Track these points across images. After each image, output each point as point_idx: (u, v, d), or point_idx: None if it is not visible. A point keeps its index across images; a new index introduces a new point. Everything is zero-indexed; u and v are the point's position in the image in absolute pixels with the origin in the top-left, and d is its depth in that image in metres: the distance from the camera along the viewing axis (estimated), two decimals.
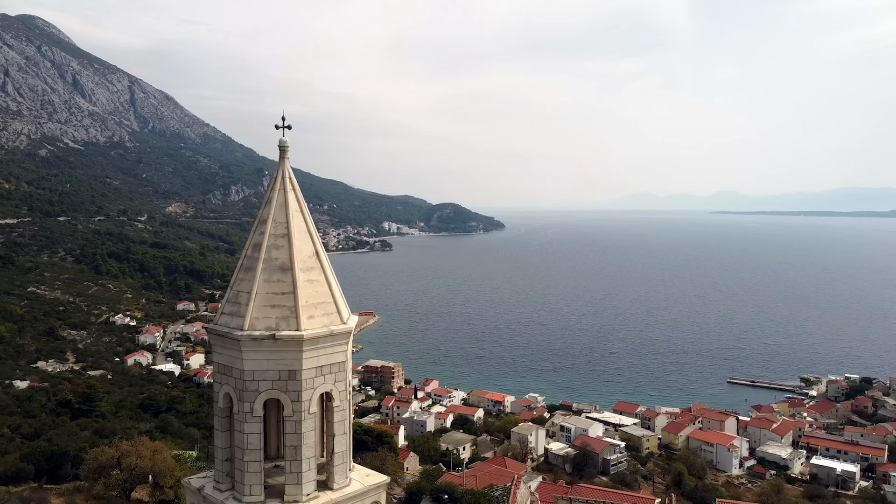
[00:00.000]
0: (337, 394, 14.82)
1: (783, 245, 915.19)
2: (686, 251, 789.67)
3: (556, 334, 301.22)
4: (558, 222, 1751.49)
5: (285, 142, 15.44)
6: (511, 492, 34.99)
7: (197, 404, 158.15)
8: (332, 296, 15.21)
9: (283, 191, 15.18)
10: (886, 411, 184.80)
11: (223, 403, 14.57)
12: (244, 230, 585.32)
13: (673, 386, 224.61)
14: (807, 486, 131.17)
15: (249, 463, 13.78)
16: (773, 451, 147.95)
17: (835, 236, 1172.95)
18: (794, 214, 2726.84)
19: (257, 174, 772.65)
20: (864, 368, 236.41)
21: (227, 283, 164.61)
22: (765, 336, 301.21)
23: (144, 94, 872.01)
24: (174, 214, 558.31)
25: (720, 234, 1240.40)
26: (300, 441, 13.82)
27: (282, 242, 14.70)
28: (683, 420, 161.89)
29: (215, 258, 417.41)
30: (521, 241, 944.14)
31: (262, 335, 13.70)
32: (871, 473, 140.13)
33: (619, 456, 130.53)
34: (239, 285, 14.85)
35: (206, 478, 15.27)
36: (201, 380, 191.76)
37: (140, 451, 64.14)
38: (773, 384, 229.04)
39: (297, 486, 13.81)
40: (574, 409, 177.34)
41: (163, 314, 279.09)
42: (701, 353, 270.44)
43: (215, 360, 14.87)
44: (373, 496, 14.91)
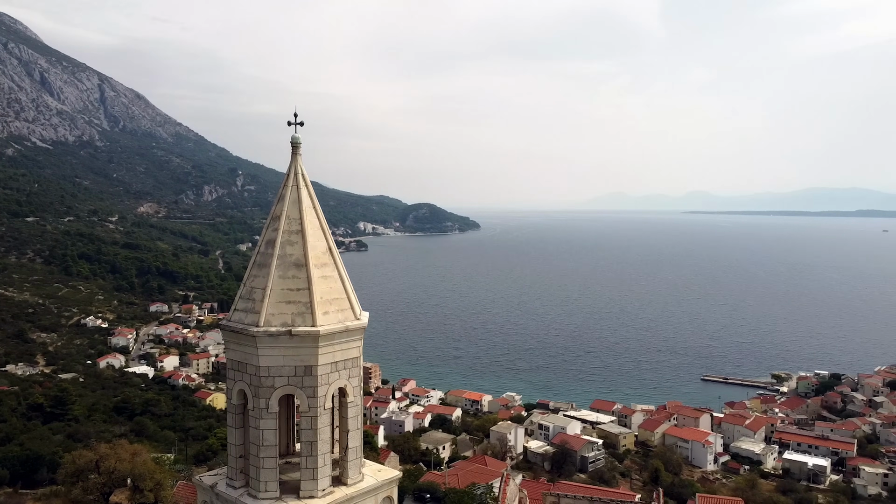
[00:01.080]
0: (351, 389, 14.85)
1: (754, 245, 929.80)
2: (660, 251, 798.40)
3: (532, 334, 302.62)
4: (533, 222, 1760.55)
5: (298, 138, 15.41)
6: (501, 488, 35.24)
7: (172, 407, 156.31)
8: (346, 292, 15.24)
9: (295, 187, 15.15)
10: (855, 406, 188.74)
11: (237, 400, 14.51)
12: (218, 231, 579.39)
13: (648, 384, 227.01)
14: (780, 480, 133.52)
15: (265, 459, 13.75)
16: (747, 446, 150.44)
17: (804, 236, 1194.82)
18: (764, 214, 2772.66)
19: (231, 174, 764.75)
20: (833, 365, 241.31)
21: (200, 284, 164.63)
22: (737, 334, 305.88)
23: (115, 93, 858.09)
24: (146, 215, 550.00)
25: (693, 233, 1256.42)
26: (316, 437, 13.82)
27: (296, 239, 14.68)
28: (659, 417, 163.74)
29: (189, 259, 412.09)
30: (496, 241, 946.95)
31: (279, 331, 13.68)
32: (842, 467, 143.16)
33: (597, 453, 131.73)
34: (253, 282, 14.79)
35: (218, 475, 15.18)
36: (176, 382, 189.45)
37: (119, 454, 63.19)
38: (746, 381, 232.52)
39: (313, 482, 13.81)
40: (551, 407, 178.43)
41: (135, 316, 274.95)
42: (675, 351, 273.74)
43: (228, 357, 14.77)
44: (385, 491, 14.97)
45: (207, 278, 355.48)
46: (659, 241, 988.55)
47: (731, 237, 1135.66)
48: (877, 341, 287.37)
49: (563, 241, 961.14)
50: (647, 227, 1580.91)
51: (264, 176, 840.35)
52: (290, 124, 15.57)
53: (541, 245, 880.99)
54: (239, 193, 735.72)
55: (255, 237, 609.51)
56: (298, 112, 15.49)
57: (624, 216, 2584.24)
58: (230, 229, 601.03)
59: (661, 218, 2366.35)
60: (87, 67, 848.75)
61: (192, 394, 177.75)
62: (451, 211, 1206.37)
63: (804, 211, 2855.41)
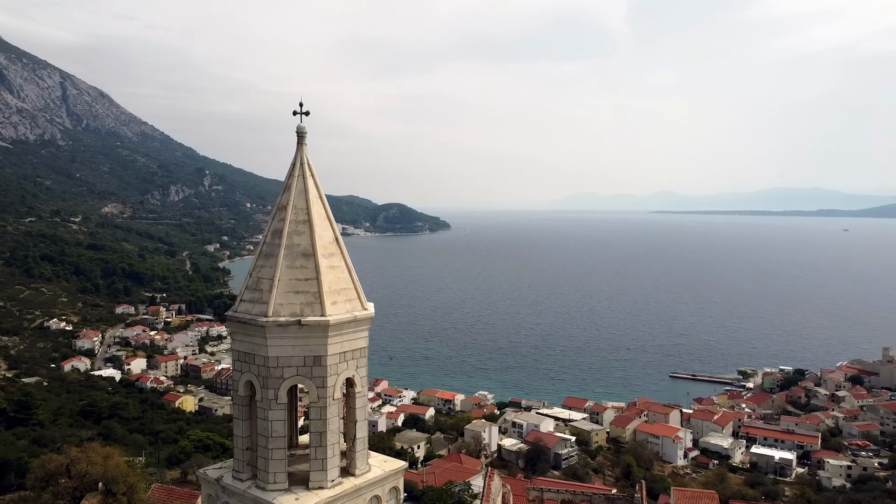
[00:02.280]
0: (359, 379, 14.82)
1: (719, 244, 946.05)
2: (628, 250, 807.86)
3: (503, 334, 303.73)
4: (503, 222, 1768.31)
5: (303, 128, 15.30)
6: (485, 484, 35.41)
7: (140, 410, 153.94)
8: (353, 282, 15.21)
9: (302, 177, 15.04)
10: (818, 401, 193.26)
11: (244, 392, 14.36)
12: (185, 231, 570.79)
13: (618, 382, 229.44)
14: (748, 474, 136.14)
15: (274, 450, 13.64)
16: (716, 441, 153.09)
17: (767, 235, 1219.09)
18: (729, 214, 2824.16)
19: (198, 174, 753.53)
20: (797, 361, 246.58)
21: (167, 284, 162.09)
22: (704, 332, 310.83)
23: (77, 91, 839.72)
24: (111, 215, 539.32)
25: (660, 233, 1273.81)
26: (325, 427, 13.76)
27: (303, 228, 14.59)
28: (630, 414, 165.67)
29: (155, 260, 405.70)
30: (466, 241, 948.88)
31: (288, 321, 13.58)
32: (807, 460, 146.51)
33: (570, 450, 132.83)
34: (259, 272, 14.65)
35: (223, 468, 15.00)
36: (144, 385, 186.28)
37: (90, 458, 61.78)
38: (713, 377, 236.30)
39: (323, 473, 13.74)
40: (523, 405, 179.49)
41: (101, 318, 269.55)
42: (644, 349, 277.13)
43: (234, 349, 14.62)
44: (392, 481, 14.97)
45: (175, 279, 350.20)
46: (627, 241, 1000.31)
47: (697, 236, 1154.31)
48: (839, 338, 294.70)
49: (533, 241, 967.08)
50: (616, 226, 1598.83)
51: (232, 176, 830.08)
52: (296, 114, 15.47)
53: (511, 245, 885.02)
54: (206, 193, 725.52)
55: (223, 238, 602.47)
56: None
57: (593, 216, 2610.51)
58: (197, 230, 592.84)
59: (629, 217, 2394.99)
60: (48, 65, 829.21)
61: (160, 396, 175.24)
62: (421, 211, 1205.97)
63: (766, 210, 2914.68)
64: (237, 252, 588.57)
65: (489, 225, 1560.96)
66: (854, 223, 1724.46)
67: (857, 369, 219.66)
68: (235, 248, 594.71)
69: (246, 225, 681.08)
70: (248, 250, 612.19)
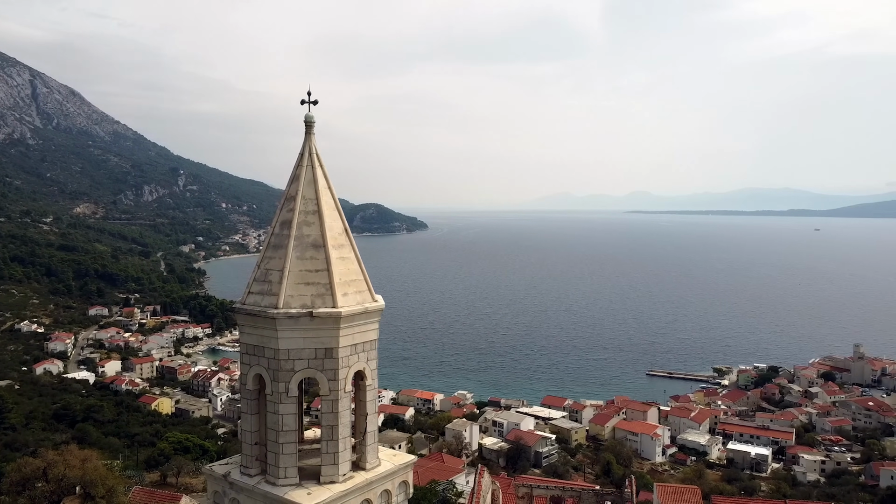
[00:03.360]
0: (369, 372, 14.62)
1: (693, 243, 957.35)
2: (604, 250, 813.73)
3: (480, 334, 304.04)
4: (480, 222, 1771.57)
5: (311, 117, 15.08)
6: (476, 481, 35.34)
7: (115, 413, 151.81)
8: (363, 273, 15.03)
9: (310, 167, 14.80)
10: (792, 397, 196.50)
11: (252, 385, 14.07)
12: (159, 232, 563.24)
13: (596, 380, 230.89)
14: (725, 470, 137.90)
15: (285, 445, 13.37)
16: (693, 438, 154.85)
17: (740, 235, 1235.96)
18: (702, 214, 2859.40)
19: (172, 173, 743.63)
20: (771, 358, 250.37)
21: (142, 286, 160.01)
22: (680, 331, 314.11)
23: (48, 90, 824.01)
24: (83, 216, 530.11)
25: (635, 233, 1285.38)
26: (337, 420, 13.53)
27: (312, 219, 14.35)
28: (609, 412, 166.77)
29: (129, 261, 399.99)
30: (443, 241, 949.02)
31: (299, 313, 13.33)
32: (782, 455, 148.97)
33: (550, 448, 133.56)
34: (268, 263, 14.38)
35: (230, 464, 14.70)
36: (119, 387, 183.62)
37: (68, 461, 60.72)
38: (689, 375, 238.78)
39: (334, 467, 13.50)
40: (503, 404, 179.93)
41: (73, 320, 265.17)
42: (621, 348, 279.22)
43: (243, 342, 14.32)
44: (401, 475, 14.79)
45: (149, 280, 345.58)
46: (603, 241, 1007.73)
47: (672, 236, 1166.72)
48: (811, 335, 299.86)
49: (510, 241, 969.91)
50: (591, 226, 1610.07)
51: (207, 176, 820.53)
52: (304, 102, 15.25)
53: (488, 245, 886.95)
54: (181, 194, 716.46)
55: (198, 238, 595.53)
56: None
57: (569, 216, 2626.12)
58: (172, 230, 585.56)
59: (605, 217, 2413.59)
60: (17, 62, 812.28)
61: (136, 399, 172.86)
62: (398, 211, 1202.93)
63: (739, 210, 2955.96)
64: (212, 253, 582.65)
65: (466, 225, 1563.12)
66: (824, 223, 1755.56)
67: (829, 366, 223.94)
68: (211, 249, 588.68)
69: (221, 225, 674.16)
70: (224, 251, 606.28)
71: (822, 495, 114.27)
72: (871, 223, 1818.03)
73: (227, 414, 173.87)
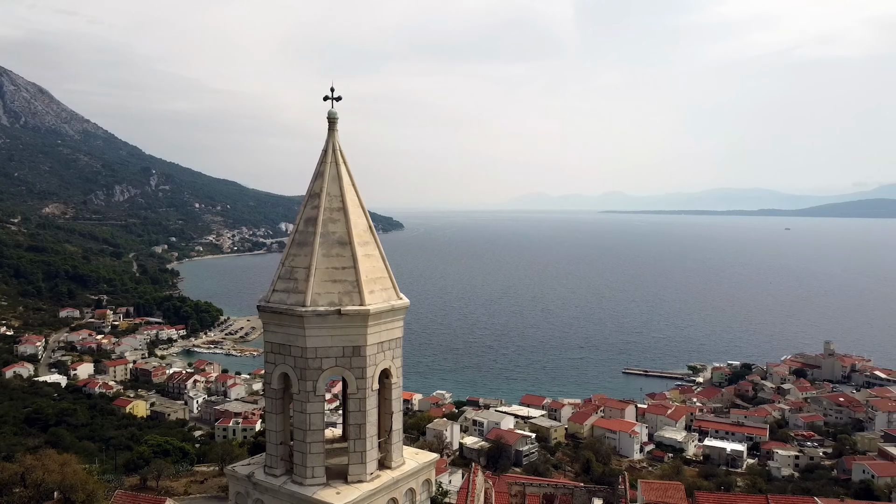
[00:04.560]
0: (394, 370, 14.54)
1: (667, 243, 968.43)
2: (579, 250, 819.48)
3: (457, 334, 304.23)
4: (456, 222, 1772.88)
5: (335, 113, 14.91)
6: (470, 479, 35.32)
7: (89, 416, 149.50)
8: (387, 270, 14.93)
9: (335, 163, 14.63)
10: (765, 394, 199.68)
11: (277, 384, 13.89)
12: (131, 232, 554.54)
13: (573, 379, 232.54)
14: (701, 466, 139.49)
15: (312, 444, 13.20)
16: (670, 435, 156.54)
17: (712, 234, 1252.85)
18: (675, 213, 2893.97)
19: (144, 173, 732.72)
20: (744, 356, 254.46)
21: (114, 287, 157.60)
22: (655, 329, 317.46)
23: (15, 87, 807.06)
24: (52, 216, 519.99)
25: (610, 232, 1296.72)
26: (364, 419, 13.41)
27: (338, 216, 14.20)
28: (587, 410, 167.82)
29: (100, 262, 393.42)
30: (419, 241, 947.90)
31: (328, 311, 13.17)
32: (756, 451, 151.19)
33: (530, 447, 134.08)
34: (293, 261, 14.19)
35: (252, 464, 14.49)
36: (92, 390, 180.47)
37: (46, 465, 59.62)
38: (664, 373, 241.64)
39: (362, 466, 13.39)
40: (481, 404, 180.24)
41: (44, 322, 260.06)
42: (597, 346, 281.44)
43: (268, 340, 14.12)
44: (425, 473, 14.73)
45: (122, 282, 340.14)
46: (578, 241, 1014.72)
47: (646, 236, 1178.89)
48: (783, 333, 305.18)
49: (486, 242, 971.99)
50: (567, 226, 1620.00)
51: (180, 175, 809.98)
52: (326, 99, 15.08)
53: (463, 245, 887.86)
54: (153, 193, 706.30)
55: (171, 239, 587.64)
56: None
57: (544, 216, 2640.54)
58: (144, 231, 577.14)
59: (580, 217, 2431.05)
60: None
61: (110, 402, 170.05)
62: (374, 211, 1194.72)
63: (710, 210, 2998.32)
64: (186, 253, 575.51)
65: (442, 225, 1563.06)
66: (794, 222, 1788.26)
67: (800, 363, 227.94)
68: (184, 250, 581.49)
69: (195, 225, 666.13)
70: (198, 251, 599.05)
71: (796, 490, 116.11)
72: (838, 223, 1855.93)
73: (204, 416, 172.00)
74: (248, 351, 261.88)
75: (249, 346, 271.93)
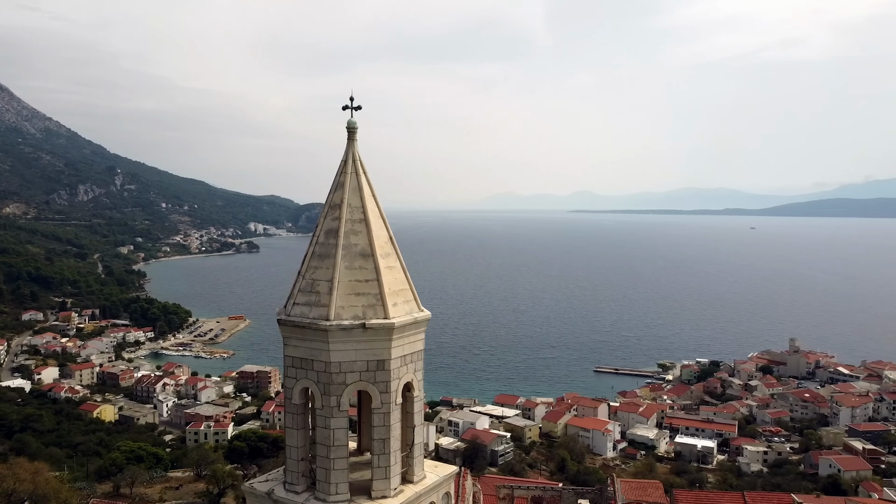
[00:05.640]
0: (416, 383, 14.36)
1: (636, 242, 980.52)
2: (549, 249, 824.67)
3: (428, 335, 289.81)
4: (428, 222, 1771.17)
5: (354, 123, 14.68)
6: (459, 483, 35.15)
7: (55, 422, 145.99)
8: (409, 283, 14.75)
9: (355, 174, 14.39)
10: (733, 390, 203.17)
11: (299, 399, 13.62)
12: (95, 233, 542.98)
13: (545, 378, 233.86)
14: (673, 463, 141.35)
15: (336, 460, 12.94)
16: (642, 432, 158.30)
17: (679, 233, 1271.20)
18: (643, 213, 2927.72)
19: (108, 173, 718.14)
20: (712, 353, 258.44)
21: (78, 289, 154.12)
22: (625, 328, 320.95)
23: None
24: (13, 216, 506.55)
25: (579, 232, 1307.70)
26: (389, 434, 13.22)
27: (359, 228, 13.97)
28: (560, 409, 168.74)
29: (64, 263, 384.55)
30: None
31: (352, 324, 12.95)
32: (726, 447, 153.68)
33: (505, 447, 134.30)
34: (314, 273, 13.91)
35: (270, 480, 14.18)
36: (58, 395, 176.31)
37: (17, 474, 57.94)
38: (635, 371, 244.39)
39: (386, 481, 13.18)
40: (454, 404, 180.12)
41: (6, 325, 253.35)
42: (568, 346, 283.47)
43: (288, 354, 13.81)
44: (445, 487, 14.59)
45: (87, 283, 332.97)
46: (548, 240, 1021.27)
47: (614, 235, 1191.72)
48: (749, 330, 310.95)
49: (456, 242, 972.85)
50: (537, 225, 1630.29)
51: (146, 175, 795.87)
52: (346, 108, 14.84)
53: (434, 245, 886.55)
54: (118, 193, 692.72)
55: (137, 239, 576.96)
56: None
57: (514, 215, 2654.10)
58: (109, 231, 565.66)
59: (549, 217, 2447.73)
60: None
61: (76, 407, 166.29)
62: None
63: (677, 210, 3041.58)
64: (153, 254, 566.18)
65: (413, 225, 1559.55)
66: (758, 221, 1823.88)
67: (766, 360, 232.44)
68: (151, 250, 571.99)
69: (161, 226, 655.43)
70: (165, 252, 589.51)
71: (766, 485, 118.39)
72: (801, 221, 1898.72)
73: (174, 420, 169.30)
74: (218, 353, 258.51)
75: (219, 348, 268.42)
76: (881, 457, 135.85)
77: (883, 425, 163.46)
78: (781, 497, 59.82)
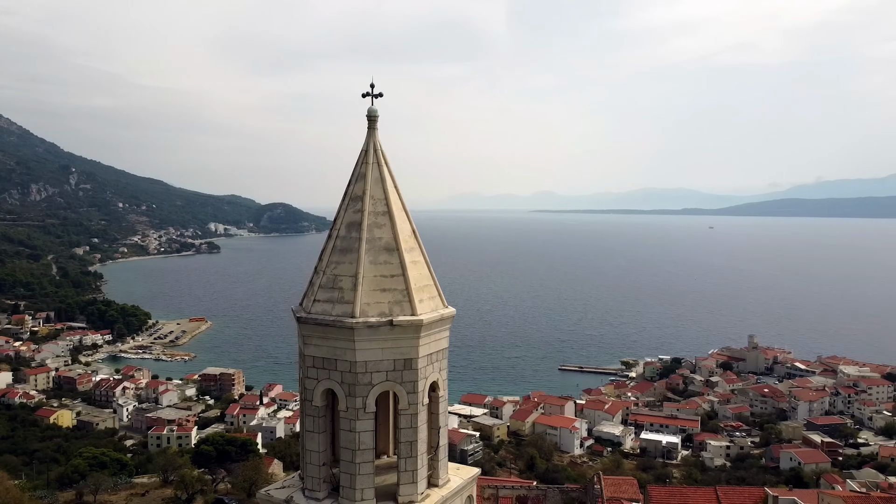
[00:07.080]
0: (441, 382, 13.79)
1: (597, 241, 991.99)
2: (512, 249, 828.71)
3: None
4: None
5: (375, 111, 14.03)
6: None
7: (10, 428, 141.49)
8: (433, 278, 14.17)
9: (377, 164, 13.76)
10: (695, 387, 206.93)
11: (320, 401, 12.91)
12: (49, 233, 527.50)
13: (510, 377, 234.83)
14: (639, 459, 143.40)
15: (362, 465, 12.28)
16: (608, 429, 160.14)
17: (640, 233, 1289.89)
18: (603, 213, 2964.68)
19: (63, 171, 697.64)
20: (674, 350, 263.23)
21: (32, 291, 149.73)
22: (589, 327, 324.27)
23: None
24: None
25: (542, 231, 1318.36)
26: (416, 436, 12.61)
27: (383, 220, 13.34)
28: (528, 407, 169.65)
29: (16, 264, 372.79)
30: None
31: (379, 322, 12.31)
32: (690, 443, 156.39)
33: (475, 446, 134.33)
34: (336, 269, 13.22)
35: (287, 487, 13.45)
36: (11, 401, 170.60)
37: None
38: (599, 369, 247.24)
39: (413, 486, 12.58)
40: None
41: None
42: (533, 345, 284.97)
43: (309, 354, 13.07)
44: (468, 490, 14.07)
45: (40, 285, 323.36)
46: (511, 240, 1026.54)
47: (576, 235, 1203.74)
48: (709, 328, 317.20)
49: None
50: (500, 225, 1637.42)
51: (102, 174, 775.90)
52: (366, 95, 14.21)
53: None
54: (73, 192, 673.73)
55: (93, 240, 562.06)
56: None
57: (477, 215, 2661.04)
58: (64, 232, 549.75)
59: (512, 217, 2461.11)
60: None
61: (32, 412, 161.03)
62: (307, 211, 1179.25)
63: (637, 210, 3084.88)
64: (109, 255, 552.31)
65: None
66: (716, 221, 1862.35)
67: (726, 356, 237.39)
68: (107, 251, 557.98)
69: (118, 226, 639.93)
70: (122, 253, 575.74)
71: (730, 479, 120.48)
72: (756, 221, 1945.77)
73: (135, 424, 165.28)
74: (179, 355, 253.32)
75: (180, 350, 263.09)
76: (839, 449, 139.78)
77: (839, 418, 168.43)
78: (753, 491, 60.80)
